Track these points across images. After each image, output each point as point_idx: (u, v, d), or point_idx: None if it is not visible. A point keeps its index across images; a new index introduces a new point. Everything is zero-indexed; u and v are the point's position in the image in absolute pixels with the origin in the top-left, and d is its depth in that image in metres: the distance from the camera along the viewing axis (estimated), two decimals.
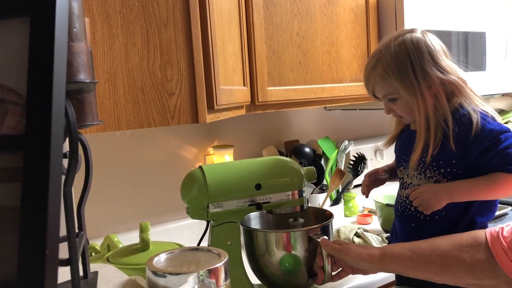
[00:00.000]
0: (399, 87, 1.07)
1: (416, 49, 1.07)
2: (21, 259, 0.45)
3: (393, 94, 1.10)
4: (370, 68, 1.12)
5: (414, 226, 1.14)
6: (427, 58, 1.06)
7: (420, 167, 1.12)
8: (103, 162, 1.48)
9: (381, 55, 1.10)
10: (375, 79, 1.11)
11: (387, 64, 1.08)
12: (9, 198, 0.46)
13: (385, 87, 1.10)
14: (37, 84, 0.46)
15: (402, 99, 1.09)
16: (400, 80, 1.06)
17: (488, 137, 1.04)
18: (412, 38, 1.08)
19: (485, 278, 0.92)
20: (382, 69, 1.08)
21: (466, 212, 1.09)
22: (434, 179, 1.10)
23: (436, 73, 1.06)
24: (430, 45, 1.08)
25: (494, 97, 2.32)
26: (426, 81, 1.06)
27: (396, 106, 1.12)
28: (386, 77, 1.08)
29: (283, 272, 1.12)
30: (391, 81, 1.08)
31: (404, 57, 1.07)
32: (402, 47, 1.07)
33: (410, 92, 1.06)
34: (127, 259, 1.13)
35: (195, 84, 1.10)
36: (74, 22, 0.66)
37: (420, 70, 1.06)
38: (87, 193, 0.79)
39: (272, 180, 1.12)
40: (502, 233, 0.92)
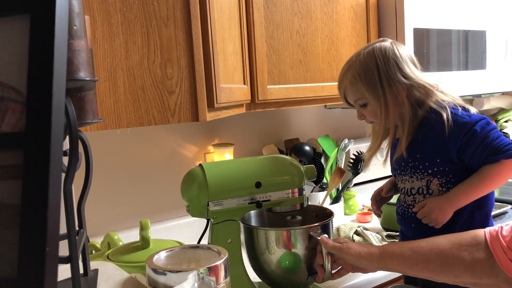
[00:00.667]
0: (366, 93, 1.12)
1: (383, 55, 1.11)
2: (21, 257, 0.45)
3: (362, 99, 1.14)
4: (342, 75, 1.17)
5: (414, 227, 1.16)
6: (393, 65, 1.11)
7: (409, 171, 1.15)
8: (104, 160, 1.48)
9: (351, 63, 1.15)
10: (346, 85, 1.15)
11: (356, 70, 1.12)
12: (9, 196, 0.46)
13: (354, 92, 1.14)
14: (37, 81, 0.46)
15: (371, 103, 1.13)
16: (367, 85, 1.11)
17: (462, 132, 1.06)
18: (381, 46, 1.13)
19: (484, 277, 0.93)
20: (352, 75, 1.13)
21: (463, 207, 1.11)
22: (425, 179, 1.13)
23: (401, 78, 1.10)
24: (397, 53, 1.12)
25: (494, 95, 2.32)
26: (391, 87, 1.10)
27: (366, 111, 1.15)
28: (355, 82, 1.13)
29: (283, 270, 1.12)
30: (359, 86, 1.12)
31: (371, 64, 1.11)
32: (371, 54, 1.12)
33: (375, 97, 1.11)
34: (127, 257, 1.13)
35: (195, 82, 1.10)
36: (74, 20, 0.66)
37: (385, 76, 1.10)
38: (87, 191, 0.79)
39: (272, 178, 1.12)
40: (501, 232, 0.93)
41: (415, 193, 1.16)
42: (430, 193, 1.13)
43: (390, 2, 1.69)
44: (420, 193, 1.15)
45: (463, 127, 1.06)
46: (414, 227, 1.16)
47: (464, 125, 1.06)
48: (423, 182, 1.13)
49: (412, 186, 1.15)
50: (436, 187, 1.12)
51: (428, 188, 1.13)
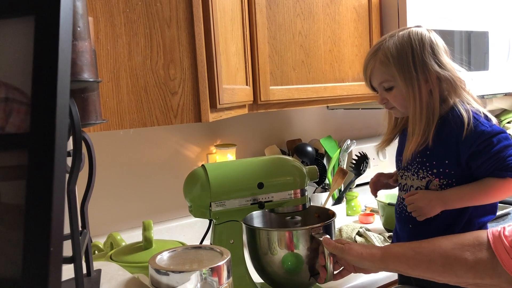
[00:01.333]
0: (397, 75, 1.07)
1: (419, 40, 1.07)
2: (25, 257, 0.45)
3: (390, 81, 1.09)
4: (371, 54, 1.12)
5: (411, 228, 1.14)
6: (428, 50, 1.07)
7: (413, 168, 1.12)
8: (107, 161, 1.49)
9: (383, 42, 1.10)
10: (374, 64, 1.11)
11: (388, 50, 1.08)
12: (14, 196, 0.47)
13: (383, 72, 1.09)
14: (41, 82, 0.46)
15: (397, 87, 1.09)
16: (399, 67, 1.06)
17: (479, 139, 1.02)
18: (417, 31, 1.09)
19: (487, 278, 0.93)
20: (383, 55, 1.09)
21: (462, 213, 1.08)
22: (426, 179, 1.10)
23: (435, 66, 1.06)
24: (433, 40, 1.08)
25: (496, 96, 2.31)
26: (424, 74, 1.06)
27: (390, 95, 1.10)
28: (385, 62, 1.08)
29: (285, 270, 1.12)
30: (389, 67, 1.08)
31: (406, 45, 1.07)
32: (406, 36, 1.08)
33: (407, 81, 1.06)
34: (130, 257, 1.13)
35: (198, 83, 1.10)
36: (78, 21, 0.67)
37: (419, 61, 1.06)
38: (90, 191, 0.79)
39: (274, 179, 1.13)
40: (504, 232, 0.93)
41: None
42: None
43: (393, 3, 1.69)
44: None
45: (481, 135, 1.02)
46: (411, 228, 1.14)
47: (483, 133, 1.03)
48: (423, 182, 1.10)
49: (412, 185, 1.13)
50: (435, 188, 1.09)
51: (427, 189, 1.10)
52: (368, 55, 1.13)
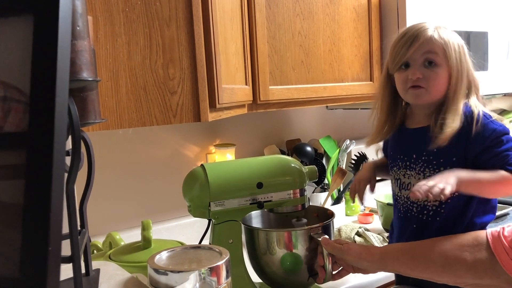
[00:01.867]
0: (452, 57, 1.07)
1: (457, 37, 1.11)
2: (24, 256, 0.45)
3: (439, 57, 1.07)
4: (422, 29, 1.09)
5: (416, 227, 1.12)
6: (464, 48, 1.11)
7: (418, 166, 1.11)
8: (106, 160, 1.48)
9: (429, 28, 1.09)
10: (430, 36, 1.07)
11: (443, 33, 1.09)
12: (12, 195, 0.46)
13: (438, 45, 1.07)
14: (40, 81, 0.46)
15: (443, 67, 1.08)
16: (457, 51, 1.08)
17: (490, 136, 1.03)
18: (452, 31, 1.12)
19: (486, 278, 0.93)
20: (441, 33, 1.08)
21: (464, 213, 1.08)
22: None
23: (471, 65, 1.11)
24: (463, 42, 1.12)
25: (496, 97, 2.32)
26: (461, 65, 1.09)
27: (431, 72, 1.07)
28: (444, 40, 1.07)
29: (284, 270, 1.12)
30: (447, 46, 1.07)
31: (457, 38, 1.10)
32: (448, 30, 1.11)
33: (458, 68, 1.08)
34: (129, 256, 1.13)
35: (197, 82, 1.10)
36: (77, 20, 0.66)
37: (469, 55, 1.11)
38: (89, 191, 0.79)
39: (274, 179, 1.13)
40: (503, 233, 0.93)
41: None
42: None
43: (392, 3, 1.69)
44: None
45: (493, 132, 1.04)
46: (416, 227, 1.13)
47: (495, 131, 1.04)
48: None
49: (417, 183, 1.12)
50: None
51: None
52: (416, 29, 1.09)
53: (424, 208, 1.11)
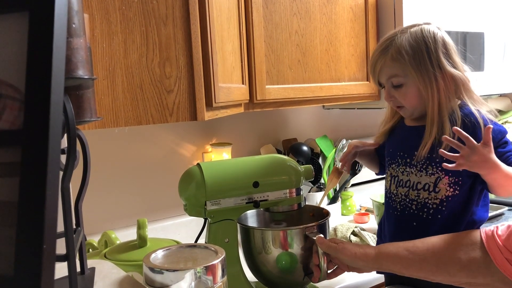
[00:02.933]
0: (412, 71, 1.05)
1: (433, 38, 1.07)
2: (18, 254, 0.45)
3: (400, 78, 1.07)
4: (381, 50, 1.10)
5: (417, 225, 1.12)
6: (442, 50, 1.07)
7: (421, 163, 1.10)
8: (101, 159, 1.48)
9: (395, 38, 1.08)
10: (384, 60, 1.08)
11: (402, 46, 1.06)
12: (7, 193, 0.46)
13: (394, 68, 1.07)
14: (35, 79, 0.46)
15: (410, 85, 1.07)
16: (415, 63, 1.05)
17: (497, 137, 1.04)
18: (429, 28, 1.08)
19: (480, 276, 0.93)
20: (395, 51, 1.07)
21: (465, 210, 1.08)
22: (435, 175, 1.08)
23: (448, 66, 1.06)
24: (445, 38, 1.08)
25: (492, 97, 2.33)
26: (440, 71, 1.05)
27: (400, 93, 1.09)
28: (398, 58, 1.06)
29: (279, 270, 1.12)
30: (403, 63, 1.06)
31: (420, 42, 1.06)
32: (419, 33, 1.07)
33: (424, 78, 1.05)
34: (124, 255, 1.13)
35: (193, 81, 1.10)
36: (73, 18, 0.66)
37: (435, 58, 1.05)
38: (85, 189, 0.79)
39: (270, 178, 1.13)
40: (496, 232, 0.93)
41: (420, 188, 1.10)
42: (437, 192, 1.08)
43: (389, 3, 1.69)
44: (425, 189, 1.09)
45: (499, 133, 1.04)
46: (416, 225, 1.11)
47: (500, 132, 1.05)
48: (432, 179, 1.08)
49: (419, 181, 1.10)
50: (444, 186, 1.07)
51: (436, 186, 1.08)
52: (378, 50, 1.11)
53: (425, 205, 1.10)
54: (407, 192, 1.13)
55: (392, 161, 1.18)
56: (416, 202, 1.11)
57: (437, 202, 1.09)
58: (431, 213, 1.10)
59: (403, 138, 1.16)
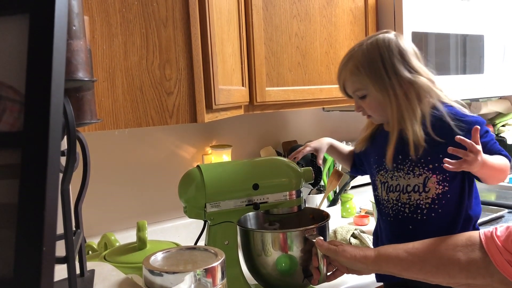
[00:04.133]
0: (370, 83, 1.08)
1: (387, 47, 1.08)
2: (17, 256, 0.45)
3: (362, 90, 1.10)
4: (343, 65, 1.13)
5: (412, 228, 1.12)
6: (397, 57, 1.08)
7: (407, 166, 1.11)
8: (101, 161, 1.48)
9: (353, 53, 1.12)
10: (345, 75, 1.12)
11: (358, 60, 1.09)
12: (7, 195, 0.46)
13: (355, 82, 1.11)
14: (35, 81, 0.46)
15: (371, 96, 1.10)
16: (371, 75, 1.08)
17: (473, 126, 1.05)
18: (384, 37, 1.10)
19: (479, 277, 0.93)
20: (353, 65, 1.10)
21: (460, 205, 1.09)
22: (423, 176, 1.09)
23: (405, 72, 1.07)
24: (401, 45, 1.09)
25: (491, 100, 2.33)
26: (396, 79, 1.07)
27: (365, 103, 1.12)
28: (356, 72, 1.09)
29: (279, 272, 1.12)
30: (361, 76, 1.09)
31: (375, 54, 1.08)
32: (374, 45, 1.09)
33: (381, 88, 1.07)
34: (124, 257, 1.13)
35: (193, 83, 1.10)
36: (74, 20, 0.66)
37: (390, 67, 1.07)
38: (84, 191, 0.79)
39: (270, 180, 1.13)
40: (496, 233, 0.94)
41: (410, 190, 1.11)
42: (427, 191, 1.09)
43: (389, 5, 1.70)
44: (415, 191, 1.10)
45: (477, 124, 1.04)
46: (412, 229, 1.12)
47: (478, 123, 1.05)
48: (420, 180, 1.09)
49: (408, 183, 1.11)
50: (433, 184, 1.09)
51: (425, 186, 1.09)
52: (340, 65, 1.15)
53: (418, 207, 1.11)
54: (398, 197, 1.14)
55: (380, 168, 1.18)
56: (409, 205, 1.12)
57: (429, 202, 1.10)
58: (425, 213, 1.10)
59: (384, 144, 1.15)
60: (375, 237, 1.26)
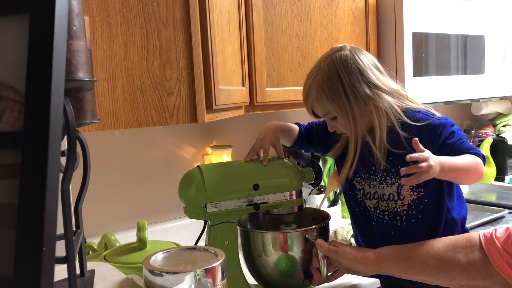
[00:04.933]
0: (332, 108, 1.07)
1: (345, 67, 1.06)
2: (17, 256, 0.45)
3: (331, 113, 1.10)
4: (306, 91, 1.12)
5: (394, 234, 1.11)
6: (356, 75, 1.06)
7: (379, 176, 1.10)
8: (101, 161, 1.48)
9: (313, 77, 1.10)
10: (312, 101, 1.11)
11: (319, 85, 1.08)
12: (7, 195, 0.46)
13: (322, 107, 1.10)
14: (35, 81, 0.46)
15: (339, 117, 1.09)
16: (332, 100, 1.07)
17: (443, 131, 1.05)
18: (341, 56, 1.07)
19: (479, 279, 0.93)
20: (316, 92, 1.08)
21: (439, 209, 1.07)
22: (396, 185, 1.08)
23: (365, 89, 1.05)
24: (358, 61, 1.07)
25: (492, 100, 2.33)
26: (357, 99, 1.06)
27: (337, 124, 1.11)
28: (320, 98, 1.08)
29: (279, 272, 1.12)
30: (325, 102, 1.08)
31: (333, 77, 1.06)
32: (331, 67, 1.07)
33: (343, 112, 1.07)
34: (124, 258, 1.13)
35: (194, 83, 1.10)
36: (74, 20, 0.66)
37: (350, 88, 1.05)
38: (84, 191, 0.79)
39: (270, 181, 1.13)
40: (495, 234, 0.94)
41: (386, 199, 1.10)
42: (402, 199, 1.08)
43: (389, 6, 1.70)
44: (391, 199, 1.10)
45: (443, 127, 1.05)
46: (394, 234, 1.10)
47: (444, 125, 1.05)
48: (394, 188, 1.09)
49: (383, 192, 1.11)
50: (407, 192, 1.08)
51: (399, 194, 1.08)
52: (304, 92, 1.13)
53: (396, 214, 1.10)
54: (377, 204, 1.13)
55: (356, 175, 1.16)
56: (388, 212, 1.11)
57: (406, 208, 1.09)
58: (404, 219, 1.09)
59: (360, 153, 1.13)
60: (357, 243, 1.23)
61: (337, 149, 1.20)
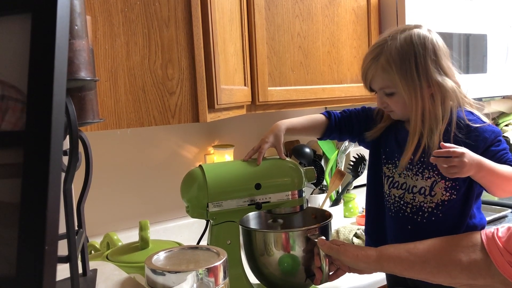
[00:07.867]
0: (399, 82, 1.04)
1: (422, 45, 1.04)
2: (20, 255, 0.45)
3: (391, 88, 1.07)
4: (372, 58, 1.08)
5: (411, 228, 1.11)
6: (431, 57, 1.05)
7: (417, 167, 1.10)
8: (104, 160, 1.48)
9: (385, 46, 1.06)
10: (375, 69, 1.07)
11: (391, 56, 1.05)
12: (9, 194, 0.46)
13: (384, 79, 1.07)
14: (38, 81, 0.46)
15: (399, 94, 1.06)
16: (402, 74, 1.04)
17: (490, 137, 1.04)
18: (420, 33, 1.06)
19: (480, 278, 0.93)
20: (385, 60, 1.05)
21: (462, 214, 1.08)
22: (432, 179, 1.08)
23: (436, 73, 1.05)
24: (435, 43, 1.06)
25: (494, 99, 2.32)
26: (426, 80, 1.04)
27: (391, 100, 1.08)
28: (388, 69, 1.05)
29: (281, 272, 1.12)
30: (392, 74, 1.05)
31: (409, 51, 1.04)
32: (408, 40, 1.05)
33: (410, 89, 1.04)
34: (126, 257, 1.13)
35: (196, 83, 1.10)
36: (76, 19, 0.66)
37: (423, 67, 1.04)
38: (87, 191, 0.79)
39: (272, 180, 1.12)
40: (497, 234, 0.93)
41: (416, 191, 1.09)
42: (432, 195, 1.08)
43: (391, 5, 1.69)
44: (421, 193, 1.09)
45: (492, 133, 1.04)
46: (411, 229, 1.11)
47: (493, 132, 1.05)
48: (428, 183, 1.08)
49: (415, 184, 1.09)
50: (440, 190, 1.07)
51: (432, 190, 1.07)
52: (368, 58, 1.09)
53: (420, 209, 1.10)
54: (402, 195, 1.12)
55: (388, 161, 1.16)
56: (411, 205, 1.11)
57: (433, 206, 1.08)
58: (426, 217, 1.09)
59: (401, 141, 1.13)
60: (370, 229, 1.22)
61: (377, 130, 1.18)
